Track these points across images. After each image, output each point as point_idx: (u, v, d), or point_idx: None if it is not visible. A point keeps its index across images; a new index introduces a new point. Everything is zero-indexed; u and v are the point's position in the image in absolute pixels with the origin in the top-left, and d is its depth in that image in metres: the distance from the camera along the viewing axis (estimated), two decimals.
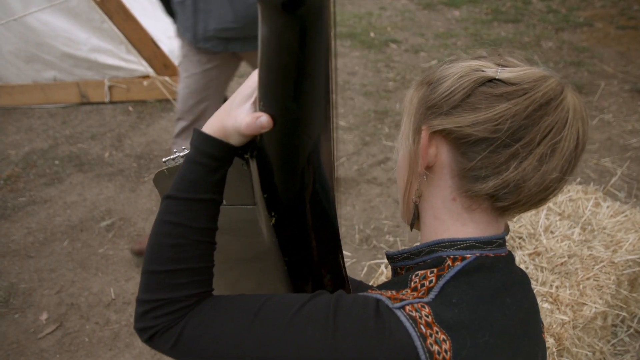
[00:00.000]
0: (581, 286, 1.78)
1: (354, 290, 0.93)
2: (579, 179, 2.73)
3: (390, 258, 0.78)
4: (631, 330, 2.13)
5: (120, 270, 2.62)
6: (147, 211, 3.02)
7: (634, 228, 2.05)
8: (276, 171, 0.71)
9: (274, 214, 0.75)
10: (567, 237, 2.00)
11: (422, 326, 0.60)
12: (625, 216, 2.12)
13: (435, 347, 0.59)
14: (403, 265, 0.76)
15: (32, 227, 2.92)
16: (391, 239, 2.79)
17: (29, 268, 2.64)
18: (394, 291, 0.67)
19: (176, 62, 4.20)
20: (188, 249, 0.69)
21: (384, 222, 2.90)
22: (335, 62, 0.63)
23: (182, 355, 0.68)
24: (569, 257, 1.90)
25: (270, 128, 0.66)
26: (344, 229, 2.86)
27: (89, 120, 3.98)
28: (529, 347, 0.72)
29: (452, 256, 0.68)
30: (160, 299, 0.68)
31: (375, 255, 2.65)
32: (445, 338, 0.60)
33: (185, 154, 0.76)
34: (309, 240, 0.76)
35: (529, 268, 1.87)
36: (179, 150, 0.78)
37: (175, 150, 0.79)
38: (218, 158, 0.70)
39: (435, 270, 0.68)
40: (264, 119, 0.66)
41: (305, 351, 0.62)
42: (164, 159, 0.81)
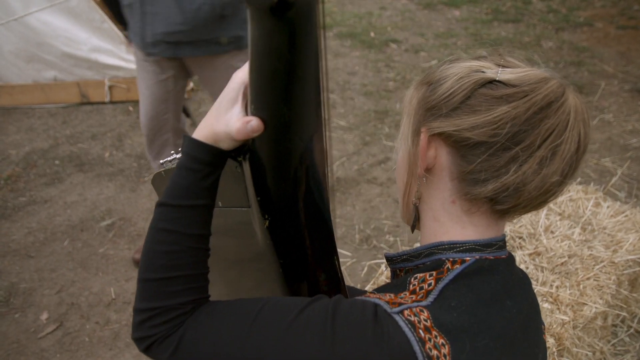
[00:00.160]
0: (581, 286, 1.78)
1: (350, 295, 0.92)
2: (579, 179, 2.73)
3: (389, 260, 0.78)
4: (631, 330, 2.13)
5: (120, 270, 2.62)
6: (148, 211, 3.02)
7: (634, 228, 2.05)
8: (269, 174, 0.71)
9: (267, 216, 0.74)
10: (568, 237, 2.00)
11: (421, 331, 0.60)
12: (626, 216, 2.12)
13: (434, 352, 0.59)
14: (402, 267, 0.75)
15: (33, 227, 2.92)
16: (391, 239, 2.79)
17: (29, 268, 2.64)
18: (392, 294, 0.67)
19: None
20: (182, 256, 0.68)
21: (384, 222, 2.90)
22: (326, 64, 0.62)
23: None
24: (569, 257, 1.90)
25: (261, 132, 0.65)
26: (344, 229, 2.86)
27: (89, 120, 3.99)
28: (529, 350, 0.72)
29: (452, 259, 0.68)
30: (156, 307, 0.67)
31: (375, 255, 2.65)
32: (444, 342, 0.60)
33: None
34: (303, 243, 0.76)
35: (529, 268, 1.87)
36: (176, 152, 0.77)
37: (172, 152, 0.78)
38: (209, 163, 0.69)
39: (434, 273, 0.67)
40: (255, 123, 0.65)
41: (303, 356, 0.61)
42: (161, 161, 0.81)
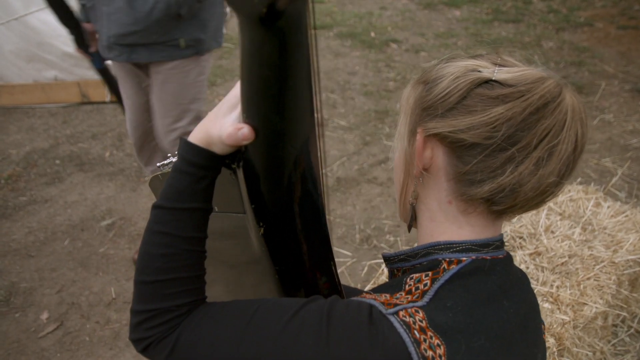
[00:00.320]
0: (582, 286, 1.79)
1: (347, 295, 0.93)
2: (579, 179, 2.73)
3: (387, 260, 0.78)
4: (632, 331, 2.13)
5: (120, 270, 2.62)
6: (148, 211, 3.02)
7: (634, 228, 2.05)
8: (262, 182, 0.70)
9: (262, 224, 0.74)
10: (568, 237, 2.00)
11: (416, 331, 0.60)
12: (626, 216, 2.12)
13: (430, 353, 0.59)
14: (400, 267, 0.75)
15: (33, 227, 2.92)
16: (392, 239, 2.79)
17: (29, 267, 2.64)
18: (387, 295, 0.67)
19: None
20: (177, 259, 0.68)
21: (385, 222, 2.90)
22: (318, 73, 0.61)
23: None
24: (570, 257, 1.90)
25: (252, 139, 0.65)
26: (344, 229, 2.86)
27: (90, 120, 3.99)
28: (527, 350, 0.71)
29: (448, 259, 0.68)
30: (153, 309, 0.67)
31: (375, 255, 2.65)
32: (439, 343, 0.60)
33: None
34: (299, 249, 0.75)
35: (530, 268, 1.87)
36: (172, 155, 0.77)
37: (169, 155, 0.78)
38: (203, 167, 0.69)
39: (430, 273, 0.67)
40: (246, 130, 0.64)
41: (298, 357, 0.61)
42: (158, 164, 0.81)
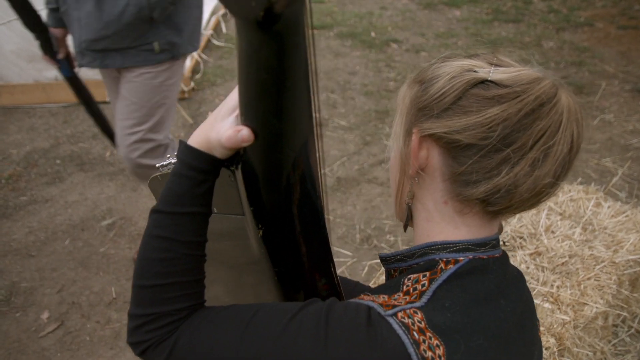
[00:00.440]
0: (582, 286, 1.79)
1: (351, 291, 0.93)
2: (580, 179, 2.73)
3: (384, 260, 0.78)
4: (632, 331, 2.13)
5: (121, 270, 2.62)
6: (148, 210, 3.01)
7: (635, 228, 2.05)
8: (260, 185, 0.70)
9: (261, 226, 0.74)
10: (568, 237, 2.00)
11: (415, 332, 0.60)
12: (626, 216, 2.12)
13: (429, 353, 0.59)
14: (396, 267, 0.76)
15: (34, 226, 2.92)
16: (392, 239, 2.79)
17: (30, 267, 2.64)
18: (385, 296, 0.67)
19: None
20: (176, 263, 0.69)
21: (385, 222, 2.90)
22: (316, 75, 0.61)
23: None
24: (570, 257, 1.91)
25: (251, 142, 0.65)
26: (344, 229, 2.86)
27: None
28: (524, 348, 0.72)
29: (445, 259, 0.68)
30: (151, 313, 0.67)
31: (376, 255, 2.65)
32: (438, 343, 0.60)
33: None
34: (298, 251, 0.75)
35: (530, 268, 1.87)
36: (172, 156, 0.76)
37: (168, 156, 0.78)
38: (203, 171, 0.69)
39: (427, 273, 0.67)
40: (245, 132, 0.64)
41: None
42: (157, 165, 0.80)
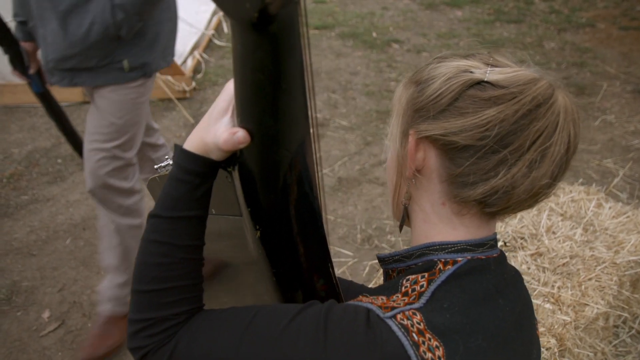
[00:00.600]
0: (583, 287, 1.79)
1: (345, 289, 0.93)
2: (581, 180, 2.73)
3: (382, 261, 0.78)
4: (633, 332, 2.13)
5: None
6: (149, 210, 3.02)
7: (636, 229, 2.05)
8: (257, 186, 0.70)
9: (258, 227, 0.74)
10: (569, 238, 2.00)
11: (414, 334, 0.60)
12: (627, 217, 2.12)
13: (429, 355, 0.59)
14: (394, 267, 0.76)
15: (35, 225, 2.93)
16: (393, 239, 2.79)
17: (31, 266, 2.64)
18: (384, 297, 0.67)
19: (178, 62, 4.21)
20: (175, 267, 0.69)
21: (386, 222, 2.90)
22: (312, 75, 0.61)
23: None
24: (571, 258, 1.91)
25: (247, 143, 0.65)
26: (345, 229, 2.86)
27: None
28: (522, 347, 0.72)
29: (443, 260, 0.68)
30: (150, 318, 0.68)
31: (377, 254, 2.65)
32: (438, 344, 0.60)
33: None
34: (296, 252, 0.75)
35: (531, 268, 1.87)
36: (170, 157, 0.76)
37: (166, 157, 0.78)
38: (200, 174, 0.69)
39: (426, 274, 0.67)
40: (241, 134, 0.64)
41: None
42: (155, 166, 0.81)
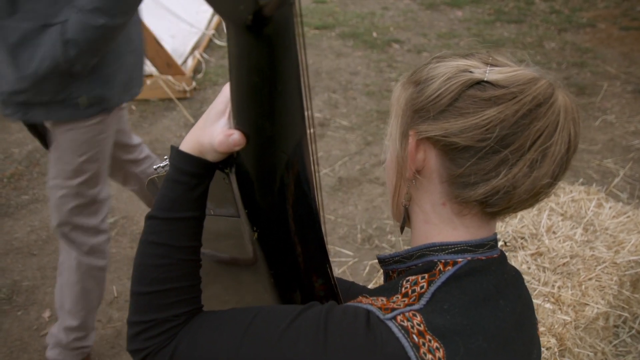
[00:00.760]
0: (583, 287, 1.79)
1: (346, 290, 0.93)
2: (581, 180, 2.73)
3: (382, 262, 0.78)
4: (633, 332, 2.13)
5: (122, 269, 2.62)
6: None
7: (636, 229, 2.05)
8: (254, 187, 0.70)
9: (255, 228, 0.74)
10: (570, 238, 2.00)
11: (415, 336, 0.60)
12: (628, 217, 2.12)
13: (429, 356, 0.59)
14: (395, 268, 0.75)
15: (35, 225, 2.93)
16: (393, 239, 2.79)
17: (32, 266, 2.65)
18: (384, 298, 0.67)
19: (179, 62, 4.21)
20: (173, 269, 0.69)
21: (386, 222, 2.90)
22: (307, 77, 0.61)
23: None
24: (571, 258, 1.91)
25: (243, 145, 0.64)
26: (346, 229, 2.86)
27: None
28: (523, 347, 0.72)
29: (444, 260, 0.68)
30: (149, 320, 0.68)
31: (377, 254, 2.65)
32: (438, 346, 0.60)
33: None
34: (294, 253, 0.75)
35: (531, 268, 1.88)
36: (167, 157, 0.76)
37: (165, 157, 0.78)
38: (197, 175, 0.69)
39: (426, 275, 0.67)
40: (237, 136, 0.64)
41: None
42: (154, 167, 0.81)
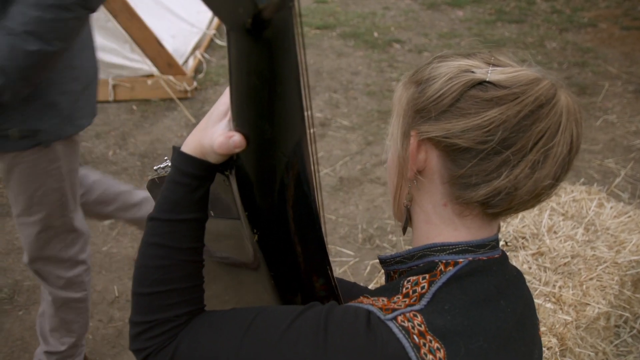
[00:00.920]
0: (584, 286, 1.79)
1: (349, 290, 0.92)
2: (582, 180, 2.73)
3: (383, 262, 0.78)
4: (634, 331, 2.13)
5: (123, 268, 2.62)
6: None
7: (637, 229, 2.05)
8: (254, 189, 0.70)
9: (256, 230, 0.74)
10: (571, 238, 2.00)
11: (415, 336, 0.60)
12: (629, 217, 2.12)
13: (430, 357, 0.59)
14: (396, 269, 0.75)
15: None
16: (394, 239, 2.79)
17: None
18: (385, 299, 0.67)
19: (180, 62, 4.22)
20: (174, 270, 0.69)
21: (387, 222, 2.90)
22: (308, 80, 0.61)
23: None
24: (572, 258, 1.91)
25: (243, 147, 0.64)
26: (347, 229, 2.86)
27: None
28: (524, 348, 0.72)
29: (444, 261, 0.68)
30: (151, 320, 0.68)
31: (378, 255, 2.65)
32: (439, 346, 0.60)
33: None
34: (294, 254, 0.75)
35: (532, 268, 1.88)
36: (169, 158, 0.76)
37: (165, 158, 0.78)
38: (198, 177, 0.69)
39: (427, 276, 0.67)
40: (237, 138, 0.64)
41: None
42: (154, 167, 0.81)
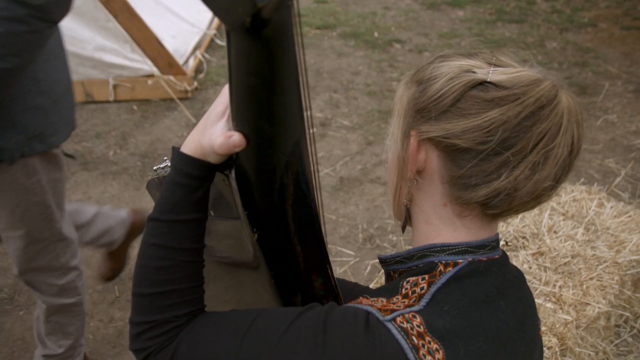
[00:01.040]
0: (584, 286, 1.79)
1: (350, 291, 0.93)
2: (582, 179, 2.73)
3: (383, 262, 0.78)
4: (634, 331, 2.13)
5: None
6: (151, 209, 3.02)
7: (637, 228, 2.05)
8: (254, 189, 0.70)
9: (255, 230, 0.74)
10: (571, 237, 2.00)
11: (414, 337, 0.60)
12: (629, 217, 2.12)
13: (429, 358, 0.59)
14: (396, 269, 0.75)
15: None
16: (394, 238, 2.79)
17: None
18: (384, 299, 0.67)
19: (180, 62, 4.22)
20: (174, 270, 0.69)
21: (387, 222, 2.90)
22: (306, 78, 0.61)
23: None
24: (573, 257, 1.91)
25: (243, 147, 0.64)
26: (347, 228, 2.86)
27: (94, 119, 4.00)
28: (524, 348, 0.72)
29: (444, 262, 0.68)
30: (151, 320, 0.68)
31: (378, 255, 2.65)
32: (438, 347, 0.60)
33: None
34: (294, 253, 0.76)
35: (532, 268, 1.88)
36: (169, 158, 0.76)
37: (165, 158, 0.78)
38: (198, 177, 0.69)
39: (426, 276, 0.67)
40: (236, 138, 0.64)
41: None
42: (154, 167, 0.81)
